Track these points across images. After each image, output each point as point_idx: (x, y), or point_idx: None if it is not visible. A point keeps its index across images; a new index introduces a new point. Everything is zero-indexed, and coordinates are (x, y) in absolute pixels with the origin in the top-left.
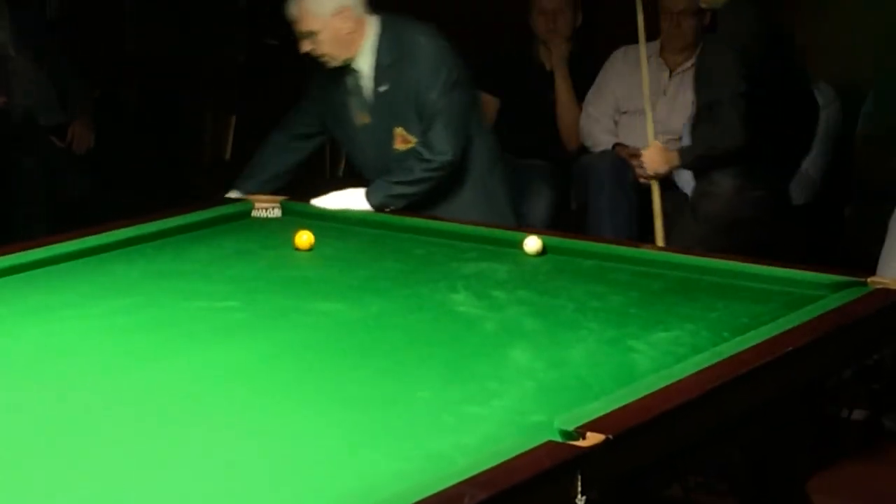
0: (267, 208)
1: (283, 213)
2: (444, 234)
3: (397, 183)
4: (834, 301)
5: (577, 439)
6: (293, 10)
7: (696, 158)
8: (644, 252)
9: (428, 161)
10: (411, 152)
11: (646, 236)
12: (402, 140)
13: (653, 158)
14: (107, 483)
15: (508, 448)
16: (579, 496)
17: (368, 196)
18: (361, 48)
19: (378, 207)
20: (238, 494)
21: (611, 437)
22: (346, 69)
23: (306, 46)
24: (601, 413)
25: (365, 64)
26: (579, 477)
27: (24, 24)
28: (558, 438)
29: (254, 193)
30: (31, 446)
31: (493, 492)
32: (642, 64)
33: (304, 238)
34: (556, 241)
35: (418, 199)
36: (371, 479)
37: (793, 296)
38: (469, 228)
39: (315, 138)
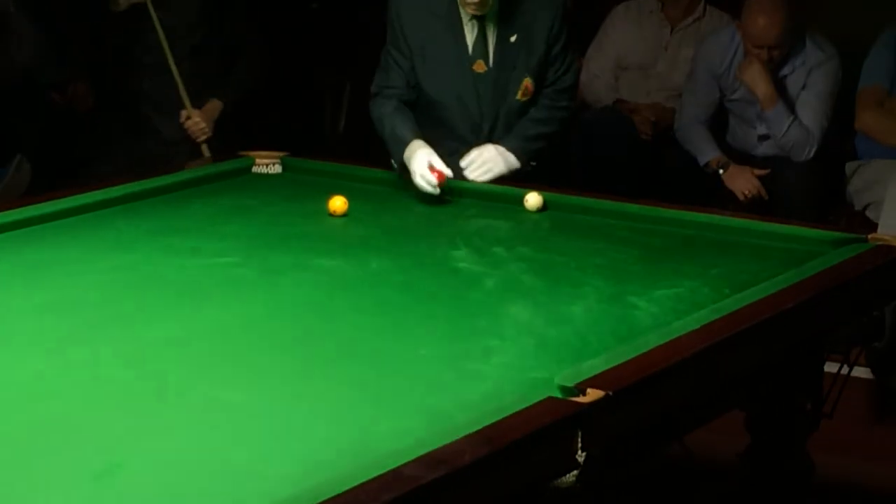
0: (267, 164)
1: (284, 168)
2: (445, 190)
3: (539, 124)
4: (834, 258)
5: (577, 395)
6: None
7: None
8: (645, 209)
9: (566, 108)
10: (542, 100)
11: (648, 193)
12: (526, 91)
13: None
14: (107, 438)
15: (509, 404)
16: (579, 452)
17: (514, 152)
18: None
19: (526, 157)
20: (238, 449)
21: (611, 393)
22: (459, 15)
23: None
24: (601, 369)
25: (494, 11)
26: (579, 433)
27: None
28: (558, 395)
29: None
30: (31, 401)
31: (494, 448)
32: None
33: (339, 203)
34: (556, 197)
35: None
36: (371, 435)
37: (793, 252)
38: (469, 185)
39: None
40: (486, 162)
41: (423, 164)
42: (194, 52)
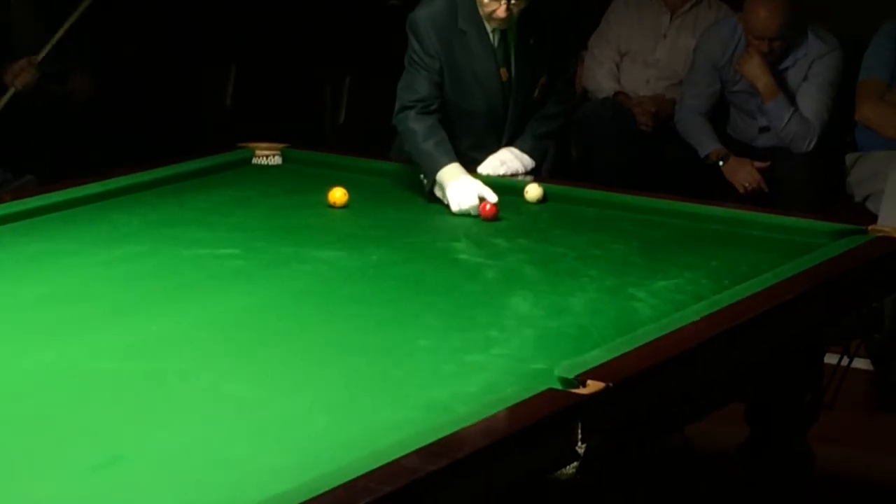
0: (267, 155)
1: (284, 160)
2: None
3: (549, 120)
4: (835, 249)
5: (577, 387)
6: None
7: None
8: (645, 200)
9: (571, 97)
10: (552, 96)
11: (648, 185)
12: (542, 87)
13: None
14: (106, 430)
15: (509, 396)
16: (579, 444)
17: (529, 153)
18: None
19: (540, 156)
20: (238, 441)
21: (611, 384)
22: (485, 25)
23: (502, 12)
24: (601, 361)
25: (515, 19)
26: (580, 425)
27: None
28: (559, 386)
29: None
30: (30, 393)
31: (494, 440)
32: None
33: (339, 194)
34: (557, 188)
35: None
36: (371, 427)
37: (794, 244)
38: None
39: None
40: (504, 162)
41: (473, 192)
42: None
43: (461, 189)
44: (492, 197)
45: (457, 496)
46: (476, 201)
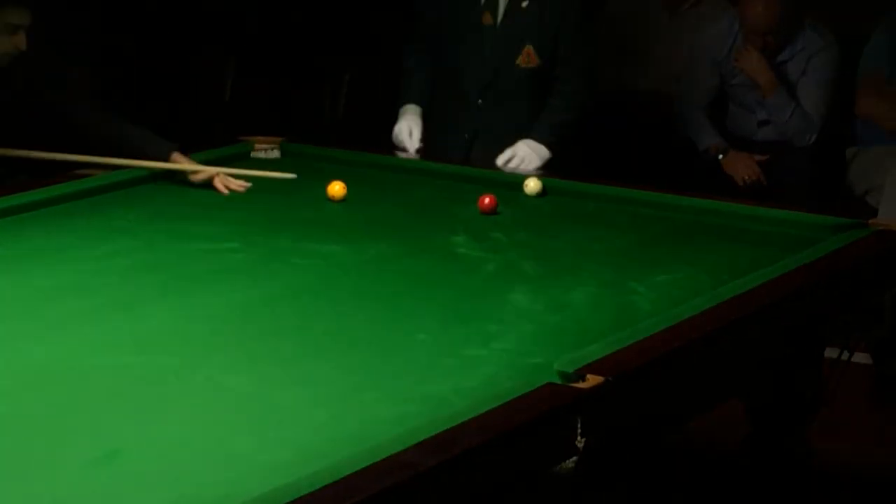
0: (266, 149)
1: (282, 154)
2: (445, 175)
3: (566, 112)
4: (834, 243)
5: (576, 381)
6: None
7: None
8: (644, 194)
9: (582, 92)
10: (557, 86)
11: (647, 178)
12: (528, 58)
13: None
14: (105, 424)
15: (508, 390)
16: (579, 438)
17: (545, 143)
18: None
19: (554, 145)
20: (237, 435)
21: (610, 379)
22: None
23: None
24: (601, 355)
25: None
26: (579, 419)
27: None
28: (558, 381)
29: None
30: (29, 387)
31: (493, 434)
32: None
33: (338, 188)
34: (556, 182)
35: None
36: (370, 421)
37: (793, 238)
38: (469, 170)
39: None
40: (523, 159)
41: (404, 131)
42: None
43: (399, 126)
44: (411, 146)
45: (456, 490)
46: (402, 136)
